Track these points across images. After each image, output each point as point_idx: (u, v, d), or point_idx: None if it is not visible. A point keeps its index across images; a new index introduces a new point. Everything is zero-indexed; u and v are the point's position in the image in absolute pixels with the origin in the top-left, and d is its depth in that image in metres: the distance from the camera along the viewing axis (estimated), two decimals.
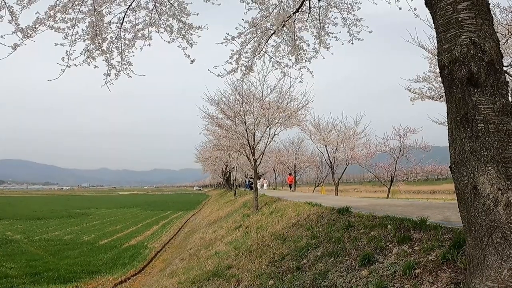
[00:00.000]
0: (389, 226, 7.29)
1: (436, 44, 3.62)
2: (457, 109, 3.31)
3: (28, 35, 5.80)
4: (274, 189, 48.01)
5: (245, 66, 7.48)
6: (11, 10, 5.56)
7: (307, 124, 30.40)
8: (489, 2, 3.48)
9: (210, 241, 16.45)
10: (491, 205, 3.06)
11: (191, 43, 6.93)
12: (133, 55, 6.96)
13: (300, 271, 7.24)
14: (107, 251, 20.83)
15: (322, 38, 7.47)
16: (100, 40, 6.54)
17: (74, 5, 6.06)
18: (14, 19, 5.62)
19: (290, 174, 43.38)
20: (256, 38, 7.24)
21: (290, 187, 42.44)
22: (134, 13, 6.68)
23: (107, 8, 6.37)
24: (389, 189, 28.27)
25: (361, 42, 7.38)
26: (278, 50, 7.63)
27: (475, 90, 3.20)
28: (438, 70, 3.51)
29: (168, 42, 6.91)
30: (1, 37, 5.45)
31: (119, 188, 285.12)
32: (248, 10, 6.93)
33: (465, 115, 3.24)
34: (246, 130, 19.73)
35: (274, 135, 20.42)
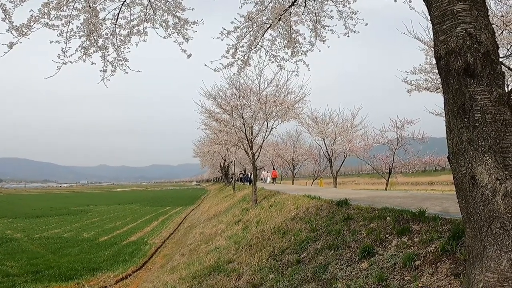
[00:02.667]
0: (388, 218, 7.31)
1: (432, 36, 3.61)
2: (454, 100, 3.31)
3: (23, 33, 5.76)
4: (272, 183, 48.26)
5: (241, 60, 7.45)
6: (4, 8, 5.51)
7: (305, 117, 30.48)
8: None
9: (210, 236, 16.49)
10: (490, 195, 3.06)
11: (187, 38, 6.90)
12: (129, 51, 6.93)
13: (300, 264, 7.27)
14: (107, 248, 20.86)
15: (318, 31, 7.43)
16: (95, 37, 6.51)
17: (68, 2, 6.02)
18: (7, 17, 5.58)
19: (274, 169, 46.37)
20: (252, 32, 7.21)
21: (274, 181, 44.76)
22: (129, 9, 6.64)
23: (101, 4, 6.32)
24: (388, 181, 28.34)
25: (357, 36, 7.36)
26: (274, 44, 7.60)
27: (472, 81, 3.20)
28: (434, 62, 3.49)
29: (164, 37, 6.88)
30: None
31: (117, 184, 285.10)
32: (244, 4, 6.89)
33: (462, 106, 3.24)
34: (244, 124, 19.72)
35: (272, 128, 20.47)
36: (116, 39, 6.78)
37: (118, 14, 6.54)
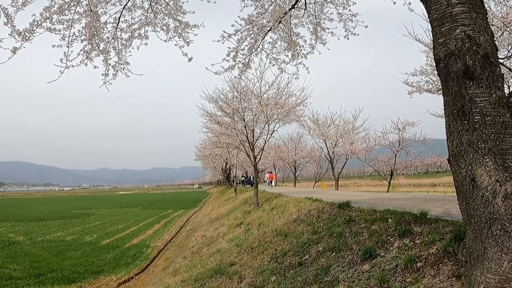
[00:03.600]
0: (390, 220, 7.31)
1: (432, 38, 3.63)
2: (453, 102, 3.32)
3: (26, 37, 5.79)
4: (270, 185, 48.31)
5: (242, 63, 7.48)
6: (6, 12, 5.54)
7: (306, 119, 30.47)
8: None
9: (212, 239, 16.49)
10: (490, 197, 3.07)
11: (188, 42, 6.93)
12: (130, 55, 6.96)
13: (302, 267, 7.27)
14: (109, 251, 20.89)
15: (318, 33, 7.46)
16: (97, 41, 6.54)
17: (69, 6, 6.05)
18: (9, 21, 5.61)
19: (270, 172, 46.15)
20: (252, 35, 7.23)
21: (270, 183, 44.17)
22: (130, 13, 6.67)
23: (103, 8, 6.35)
24: (389, 182, 28.27)
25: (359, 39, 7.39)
26: (275, 47, 7.63)
27: (471, 83, 3.22)
28: (434, 64, 3.50)
29: (165, 41, 6.91)
30: (0, 40, 5.44)
31: (119, 187, 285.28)
32: (244, 7, 6.92)
33: (462, 108, 3.25)
34: (245, 127, 19.74)
35: (273, 131, 20.49)
36: (118, 43, 6.82)
37: (119, 18, 6.58)
